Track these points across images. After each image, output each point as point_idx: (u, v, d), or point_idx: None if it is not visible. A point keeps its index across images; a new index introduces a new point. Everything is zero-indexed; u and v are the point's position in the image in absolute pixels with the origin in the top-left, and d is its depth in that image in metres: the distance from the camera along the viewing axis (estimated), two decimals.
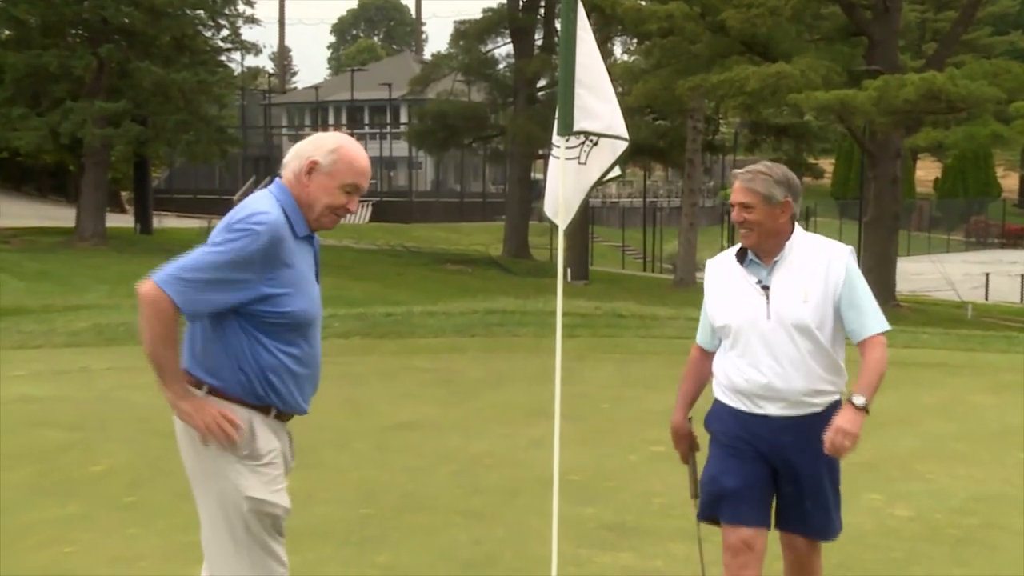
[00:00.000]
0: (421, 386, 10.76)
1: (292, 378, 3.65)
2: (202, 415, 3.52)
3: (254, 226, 3.48)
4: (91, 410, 9.27)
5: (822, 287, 3.98)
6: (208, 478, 3.60)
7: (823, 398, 4.02)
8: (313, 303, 3.69)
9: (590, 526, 6.25)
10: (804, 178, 74.27)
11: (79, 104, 34.87)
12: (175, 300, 3.43)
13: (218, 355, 3.58)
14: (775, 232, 4.01)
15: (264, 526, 3.60)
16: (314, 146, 3.65)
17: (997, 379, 11.02)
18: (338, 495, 6.91)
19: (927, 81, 22.86)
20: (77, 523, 6.39)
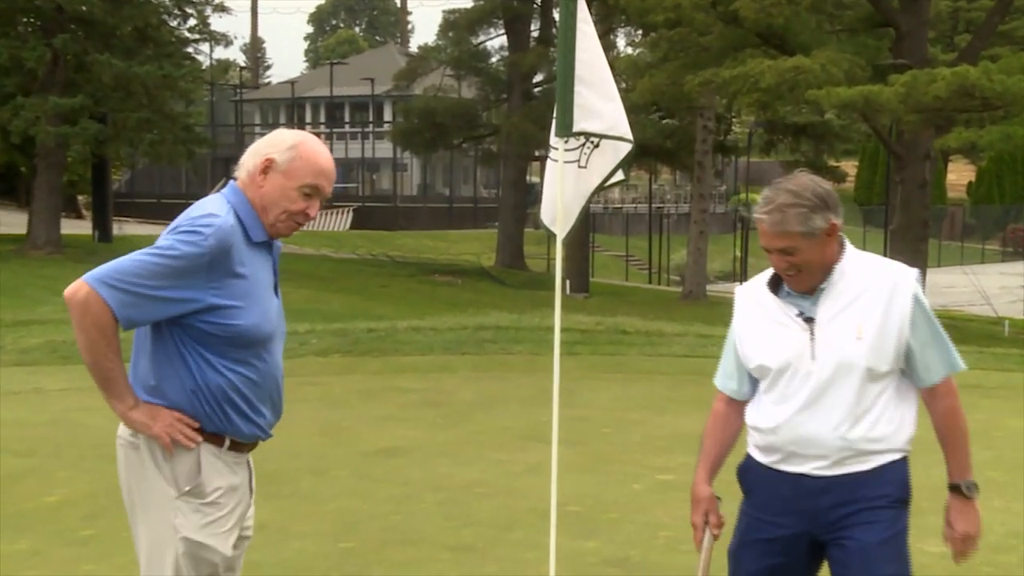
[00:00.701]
0: (406, 408, 10.76)
1: (245, 401, 3.55)
2: (159, 423, 3.44)
3: (201, 228, 3.41)
4: (44, 434, 9.26)
5: (880, 321, 3.51)
6: (144, 514, 3.51)
7: (876, 458, 3.56)
8: (267, 317, 3.58)
9: (591, 561, 6.25)
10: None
11: (31, 100, 34.76)
12: (110, 304, 3.35)
13: (162, 374, 3.50)
14: (826, 263, 3.55)
15: (199, 573, 3.50)
16: (270, 143, 3.59)
17: None
18: (316, 527, 6.91)
19: (959, 76, 22.89)
20: (29, 560, 6.38)
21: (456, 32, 43.13)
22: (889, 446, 3.58)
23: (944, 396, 3.60)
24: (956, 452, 3.61)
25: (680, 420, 10.08)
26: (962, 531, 3.58)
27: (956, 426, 3.61)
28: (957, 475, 3.59)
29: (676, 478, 8.06)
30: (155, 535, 3.48)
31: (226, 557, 3.53)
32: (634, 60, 34.97)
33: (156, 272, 3.37)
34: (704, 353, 13.92)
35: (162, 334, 3.48)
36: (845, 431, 3.53)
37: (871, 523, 3.51)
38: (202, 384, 3.47)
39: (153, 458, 3.47)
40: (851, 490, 3.54)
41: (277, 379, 3.68)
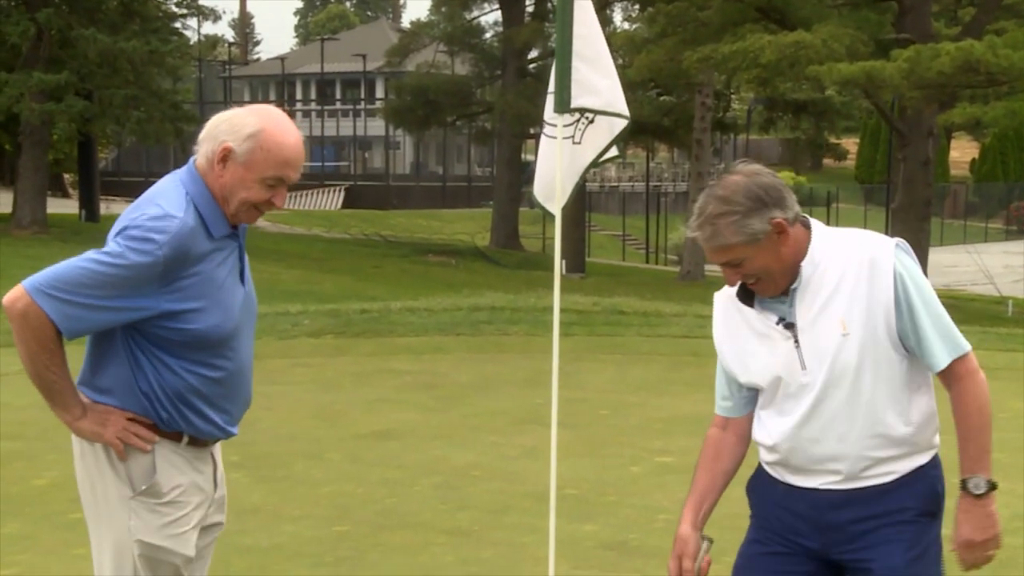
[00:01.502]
0: (400, 390, 10.76)
1: (205, 401, 3.40)
2: (110, 429, 3.31)
3: (154, 236, 3.20)
4: (31, 417, 9.23)
5: (864, 308, 3.10)
6: (99, 516, 3.41)
7: (899, 464, 3.17)
8: (229, 315, 3.39)
9: (589, 545, 6.27)
10: (825, 160, 74.70)
11: (15, 76, 34.66)
12: (50, 316, 3.18)
13: (112, 374, 3.36)
14: (786, 263, 3.14)
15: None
16: (230, 127, 3.31)
17: None
18: (309, 511, 6.91)
19: (964, 51, 22.85)
20: (17, 543, 6.40)
21: (449, 7, 43.04)
22: (912, 448, 3.18)
23: (956, 381, 3.14)
24: (966, 443, 3.12)
25: (679, 402, 10.09)
26: (964, 537, 3.13)
27: (968, 413, 3.12)
28: (966, 469, 3.11)
29: (675, 460, 8.08)
30: (110, 537, 3.39)
31: (187, 557, 3.42)
32: (631, 36, 34.90)
33: (102, 282, 3.19)
34: (703, 334, 13.90)
35: (113, 335, 3.33)
36: (855, 440, 3.14)
37: (895, 541, 3.13)
38: (157, 387, 3.33)
39: (107, 457, 3.36)
40: (872, 503, 3.15)
41: (243, 374, 3.51)
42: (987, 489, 3.11)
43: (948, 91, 25.21)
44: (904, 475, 3.17)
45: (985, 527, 3.12)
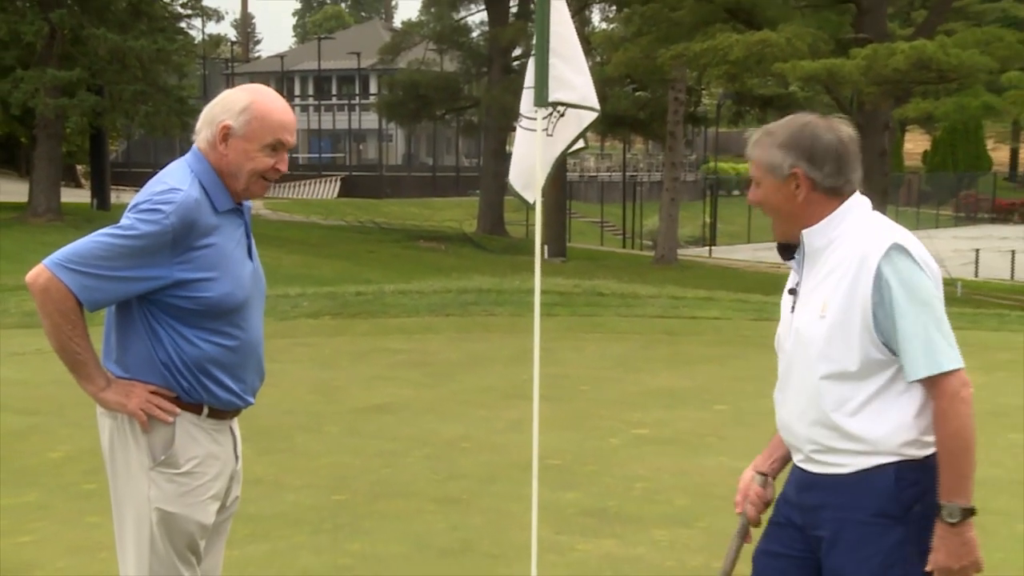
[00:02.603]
0: (394, 368, 10.75)
1: (222, 369, 3.36)
2: (134, 400, 3.28)
3: (161, 207, 3.22)
4: (47, 394, 9.22)
5: (844, 299, 2.94)
6: (119, 485, 3.38)
7: (848, 459, 2.98)
8: (240, 285, 3.37)
9: (570, 512, 6.26)
10: None
11: (30, 72, 34.54)
12: (71, 288, 3.18)
13: (133, 347, 3.33)
14: (794, 216, 3.04)
15: (174, 544, 3.35)
16: (223, 107, 3.34)
17: (988, 358, 11.08)
18: (309, 481, 6.90)
19: (917, 50, 22.93)
20: (35, 512, 6.37)
21: (438, 7, 43.08)
22: (868, 447, 2.95)
23: (935, 399, 2.91)
24: (943, 468, 2.90)
25: (654, 378, 10.10)
26: (940, 564, 2.91)
27: (944, 437, 2.90)
28: (942, 495, 2.89)
29: (651, 432, 8.09)
30: (131, 505, 3.36)
31: (203, 526, 3.39)
32: (609, 35, 34.92)
33: (117, 253, 3.20)
34: (676, 314, 13.95)
35: (131, 309, 3.31)
36: (811, 419, 3.02)
37: (845, 543, 2.99)
38: (176, 357, 3.30)
39: (130, 428, 3.33)
40: (830, 492, 3.02)
41: (256, 344, 3.48)
42: (961, 517, 2.88)
43: (902, 87, 25.29)
44: (860, 471, 2.96)
45: (960, 555, 2.90)
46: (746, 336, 12.36)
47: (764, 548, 3.22)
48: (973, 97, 24.63)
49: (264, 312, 3.58)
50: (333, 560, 5.59)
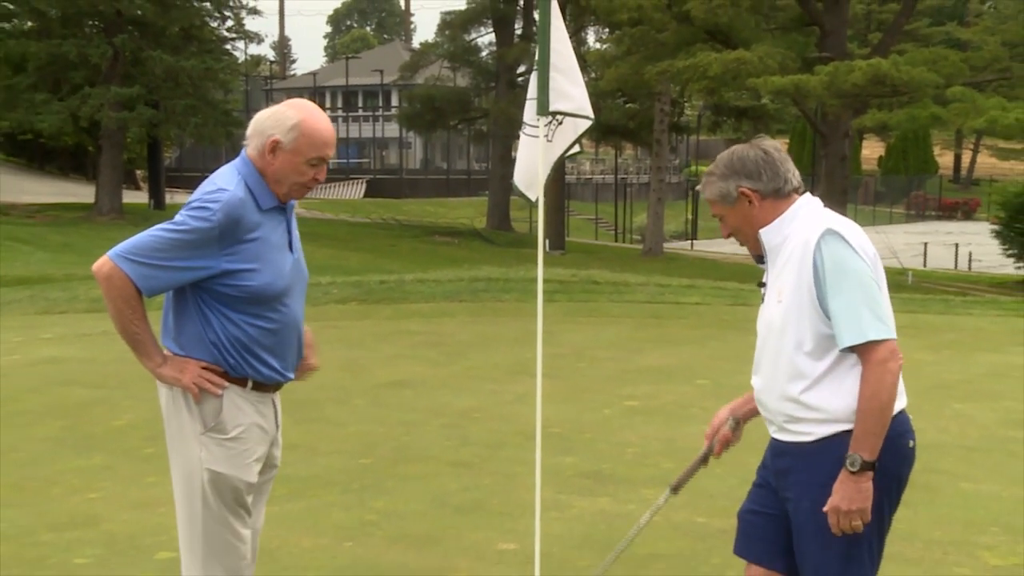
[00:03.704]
0: (413, 347, 10.75)
1: (264, 349, 3.37)
2: (187, 375, 3.30)
3: (209, 204, 3.22)
4: (112, 370, 9.24)
5: (794, 282, 2.97)
6: (176, 449, 3.40)
7: (817, 428, 2.98)
8: (280, 275, 3.36)
9: (569, 474, 6.26)
10: None
11: (96, 90, 34.69)
12: (131, 277, 3.20)
13: (187, 328, 3.34)
14: (759, 227, 3.09)
15: (224, 500, 3.37)
16: (274, 123, 3.32)
17: (935, 339, 11.09)
18: (339, 447, 6.91)
19: (873, 67, 22.88)
20: (101, 473, 6.40)
21: (452, 30, 42.93)
22: (826, 416, 2.96)
23: (862, 364, 2.91)
24: (856, 423, 2.89)
25: (643, 356, 10.09)
26: (833, 504, 2.90)
27: (863, 396, 2.88)
28: (852, 446, 2.89)
29: (640, 404, 8.09)
30: (185, 465, 3.38)
31: (249, 484, 3.40)
32: (602, 54, 34.80)
33: (171, 245, 3.21)
34: (662, 300, 13.94)
35: (185, 294, 3.32)
36: (776, 392, 3.04)
37: (803, 500, 3.01)
38: (223, 337, 3.31)
39: (184, 399, 3.35)
40: (798, 459, 3.02)
41: (295, 327, 3.47)
42: (861, 468, 2.86)
43: (861, 100, 25.25)
44: (823, 438, 2.96)
45: (853, 500, 2.87)
46: (724, 319, 12.35)
47: (747, 507, 3.25)
48: (922, 109, 24.57)
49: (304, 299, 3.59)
50: (360, 516, 5.59)
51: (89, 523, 5.54)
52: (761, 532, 3.17)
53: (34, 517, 5.64)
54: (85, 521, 5.57)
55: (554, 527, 5.26)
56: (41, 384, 8.92)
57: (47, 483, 6.23)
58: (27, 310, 13.94)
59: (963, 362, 9.87)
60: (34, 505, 5.83)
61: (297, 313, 3.47)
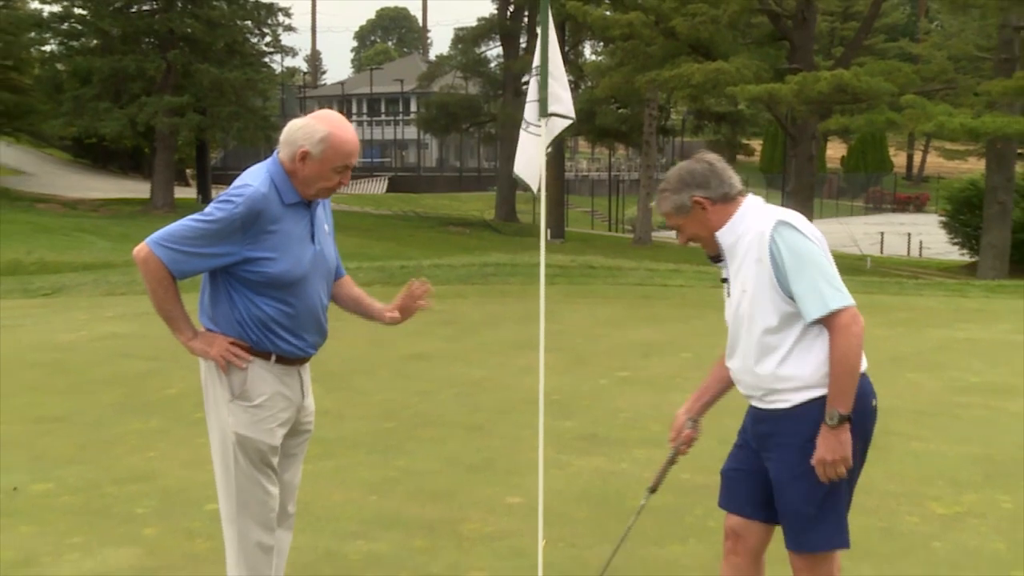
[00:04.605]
0: (430, 325, 10.73)
1: (283, 328, 3.32)
2: (214, 348, 3.29)
3: (233, 198, 3.20)
4: (165, 345, 9.20)
5: (755, 273, 2.98)
6: (210, 415, 3.41)
7: (791, 396, 2.99)
8: (299, 263, 3.31)
9: (569, 436, 6.26)
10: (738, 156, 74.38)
11: (151, 99, 34.76)
12: (164, 261, 3.20)
13: (218, 307, 3.32)
14: (712, 231, 3.08)
15: (251, 460, 3.35)
16: (305, 134, 3.28)
17: (890, 316, 11.06)
18: (365, 413, 6.93)
19: (837, 77, 22.80)
20: (157, 435, 6.42)
21: (464, 44, 42.81)
22: (801, 383, 2.97)
23: (829, 333, 2.92)
24: (830, 382, 2.91)
25: (634, 333, 10.09)
26: (819, 456, 2.93)
27: (833, 358, 2.90)
28: (828, 403, 2.92)
29: (631, 375, 8.08)
30: (218, 429, 3.38)
31: (272, 446, 3.37)
32: (597, 65, 34.71)
33: (199, 233, 3.19)
34: (651, 283, 13.93)
35: (216, 278, 3.31)
36: (752, 371, 3.03)
37: (784, 460, 3.02)
38: (246, 316, 3.29)
39: (216, 370, 3.35)
40: (777, 423, 3.02)
41: (313, 310, 3.41)
42: (839, 422, 2.89)
43: (825, 106, 25.16)
44: (800, 404, 2.98)
45: (835, 450, 2.91)
46: (706, 300, 12.32)
47: (729, 466, 3.26)
48: (879, 114, 24.45)
49: (331, 285, 3.56)
50: (384, 474, 5.60)
51: (147, 478, 5.56)
52: (742, 487, 3.19)
53: (100, 472, 5.67)
54: (143, 476, 5.59)
55: (555, 483, 5.26)
56: (104, 357, 8.94)
57: (110, 443, 6.25)
58: (92, 292, 13.97)
59: (915, 337, 9.84)
60: (99, 462, 5.86)
61: (316, 299, 3.42)
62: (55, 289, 14.39)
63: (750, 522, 3.17)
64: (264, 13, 38.93)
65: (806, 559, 3.06)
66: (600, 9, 28.05)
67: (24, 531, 4.82)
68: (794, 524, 3.04)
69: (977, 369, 8.28)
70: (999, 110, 24.06)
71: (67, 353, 9.20)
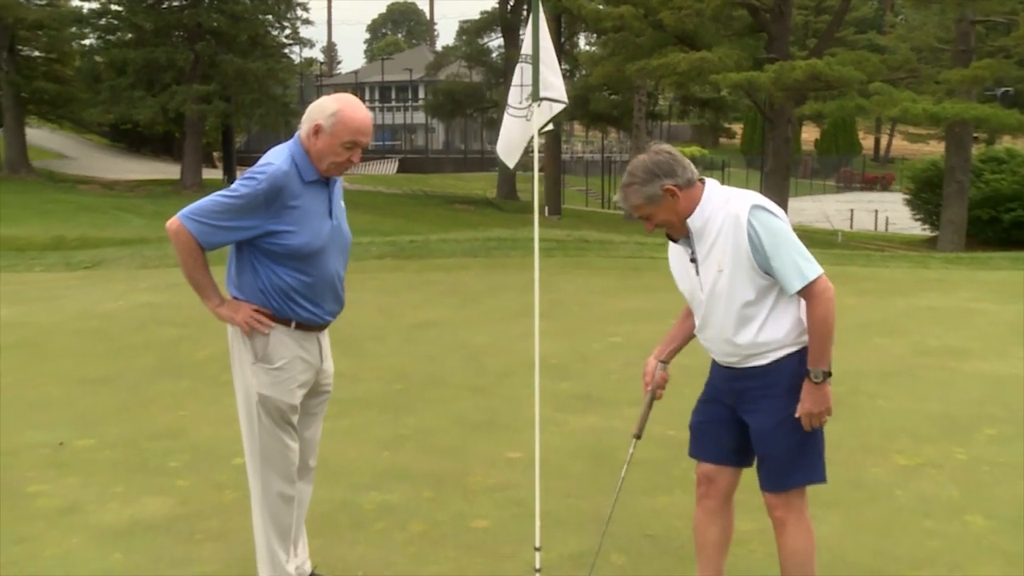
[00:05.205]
0: (437, 295, 10.75)
1: (302, 296, 3.30)
2: (239, 314, 3.27)
3: (257, 175, 3.17)
4: (195, 313, 9.22)
5: (732, 253, 2.96)
6: (236, 376, 3.40)
7: (769, 355, 3.02)
8: (317, 236, 3.28)
9: (564, 396, 6.27)
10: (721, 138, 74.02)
11: (181, 88, 34.60)
12: (193, 234, 3.18)
13: (243, 277, 3.31)
14: (685, 215, 3.03)
15: (273, 417, 3.34)
16: (319, 110, 3.26)
17: (859, 286, 11.05)
18: (378, 375, 6.93)
19: (811, 66, 22.64)
20: (188, 395, 6.44)
21: (468, 36, 42.55)
22: (778, 344, 3.01)
23: (807, 300, 2.97)
24: (811, 345, 2.97)
25: (625, 301, 10.08)
26: (806, 409, 2.98)
27: (813, 324, 2.95)
28: (810, 363, 2.97)
29: (622, 340, 8.08)
30: (243, 390, 3.37)
31: (292, 405, 3.36)
32: (591, 55, 34.43)
33: (225, 208, 3.16)
34: (640, 255, 13.90)
35: (241, 250, 3.29)
36: (730, 340, 3.04)
37: (765, 410, 3.04)
38: (268, 285, 3.27)
39: (241, 335, 3.33)
40: (756, 379, 3.05)
41: (332, 281, 3.38)
42: (823, 378, 2.95)
43: (801, 93, 25.01)
44: (778, 359, 3.02)
45: (820, 403, 2.97)
46: None
47: (697, 419, 3.27)
48: (849, 100, 24.31)
49: (347, 257, 3.55)
50: (395, 431, 5.62)
51: (179, 435, 5.58)
52: (712, 437, 3.20)
53: (137, 429, 5.69)
54: (176, 433, 5.61)
55: (552, 439, 5.28)
56: (140, 324, 8.95)
57: (146, 403, 6.27)
58: (128, 265, 13.96)
59: (881, 305, 9.84)
60: (136, 420, 5.88)
61: (333, 269, 3.40)
62: (95, 263, 14.38)
63: (721, 467, 3.20)
64: (284, 7, 38.70)
65: (784, 497, 3.08)
66: (593, 3, 27.78)
67: (70, 482, 4.86)
68: (776, 466, 3.07)
69: (937, 334, 8.28)
70: (958, 97, 24.06)
71: (106, 321, 9.21)
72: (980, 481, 4.78)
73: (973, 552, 3.97)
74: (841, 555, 3.91)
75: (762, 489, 3.13)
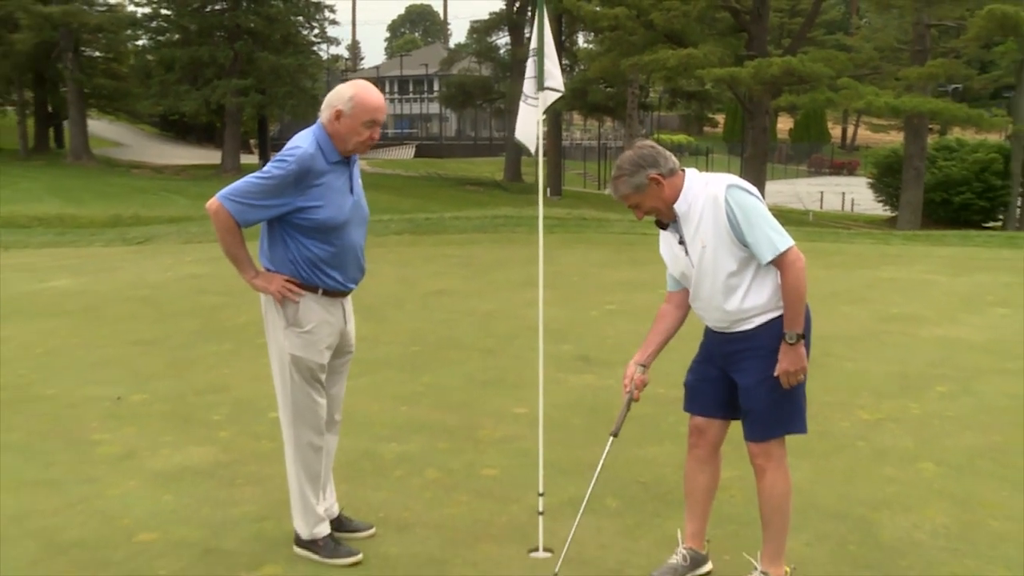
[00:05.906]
0: (450, 267, 10.75)
1: (328, 266, 3.28)
2: (272, 285, 3.26)
3: (287, 157, 3.16)
4: (236, 283, 9.15)
5: (713, 231, 2.95)
6: (270, 339, 3.38)
7: (754, 320, 3.01)
8: (341, 211, 3.25)
9: (565, 358, 6.27)
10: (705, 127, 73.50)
11: (222, 82, 34.55)
12: (231, 213, 3.17)
13: (275, 250, 3.29)
14: (668, 202, 3.03)
15: (304, 376, 3.33)
16: (337, 97, 3.24)
17: (828, 260, 11.01)
18: (396, 338, 6.93)
19: (786, 63, 22.48)
20: (229, 356, 6.44)
21: (478, 35, 42.26)
22: (762, 309, 3.00)
23: (779, 270, 2.96)
24: (786, 311, 2.96)
25: (619, 273, 10.07)
26: (783, 368, 2.97)
27: (786, 292, 2.94)
28: (785, 327, 2.96)
29: (617, 308, 8.08)
30: (276, 351, 3.36)
31: (320, 364, 3.35)
32: (589, 51, 34.10)
33: (259, 188, 3.15)
34: (634, 231, 13.86)
35: (273, 225, 3.27)
36: (720, 307, 3.02)
37: (751, 370, 3.03)
38: (298, 256, 3.26)
39: (274, 302, 3.32)
40: (744, 342, 3.04)
41: (353, 250, 3.35)
42: (796, 340, 2.94)
43: (777, 87, 24.82)
44: (762, 324, 3.01)
45: (794, 361, 2.95)
46: None
47: (692, 378, 3.25)
48: (820, 94, 24.20)
49: (366, 231, 3.53)
50: (412, 389, 5.62)
51: (222, 390, 5.59)
52: (705, 393, 3.19)
53: (184, 385, 5.70)
54: (219, 389, 5.62)
55: (554, 397, 5.28)
56: (185, 293, 8.95)
57: (192, 362, 6.28)
58: (175, 241, 13.96)
59: (847, 277, 9.80)
60: (183, 377, 5.89)
61: (355, 240, 3.38)
62: (146, 238, 14.38)
63: (711, 420, 3.20)
64: (313, 9, 38.74)
65: (764, 446, 3.07)
66: (591, 5, 27.52)
67: (127, 432, 4.88)
68: (758, 419, 3.05)
69: (897, 302, 8.25)
70: (915, 92, 24.09)
71: (156, 290, 9.22)
72: (932, 432, 4.78)
73: (925, 495, 3.98)
74: (811, 498, 3.91)
75: (745, 439, 3.12)
